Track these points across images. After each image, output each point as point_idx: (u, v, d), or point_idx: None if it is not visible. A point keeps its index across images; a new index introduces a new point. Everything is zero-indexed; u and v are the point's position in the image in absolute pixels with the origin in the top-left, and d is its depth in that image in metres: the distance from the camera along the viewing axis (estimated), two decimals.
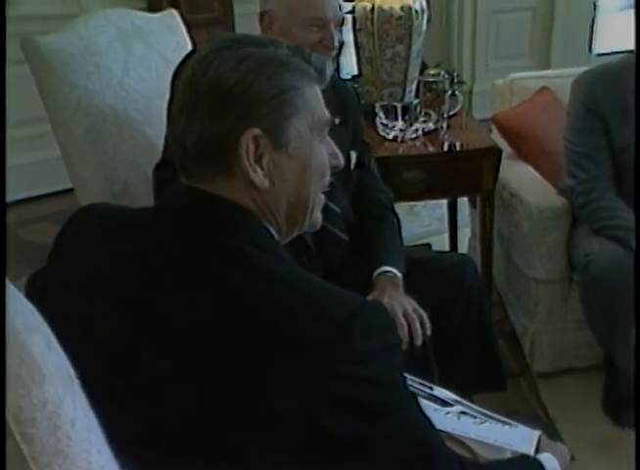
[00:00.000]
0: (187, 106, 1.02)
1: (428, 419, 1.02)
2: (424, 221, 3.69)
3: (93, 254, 1.09)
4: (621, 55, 2.40)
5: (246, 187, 1.02)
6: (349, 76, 2.96)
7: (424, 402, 1.23)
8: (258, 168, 1.01)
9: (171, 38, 2.29)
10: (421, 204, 3.66)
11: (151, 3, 4.00)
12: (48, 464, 0.83)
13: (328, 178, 1.12)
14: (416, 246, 2.90)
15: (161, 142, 1.93)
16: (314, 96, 1.06)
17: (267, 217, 1.06)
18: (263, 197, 1.04)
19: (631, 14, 2.35)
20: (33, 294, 1.08)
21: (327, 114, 1.08)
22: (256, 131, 0.99)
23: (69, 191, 2.15)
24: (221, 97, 0.99)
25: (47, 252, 1.16)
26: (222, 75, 1.00)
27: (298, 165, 1.05)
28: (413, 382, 1.41)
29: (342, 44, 2.01)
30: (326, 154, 1.10)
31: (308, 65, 1.05)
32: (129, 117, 2.08)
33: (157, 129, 2.05)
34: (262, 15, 1.97)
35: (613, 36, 5.45)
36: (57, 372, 0.86)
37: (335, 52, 1.96)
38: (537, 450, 1.26)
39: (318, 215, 1.14)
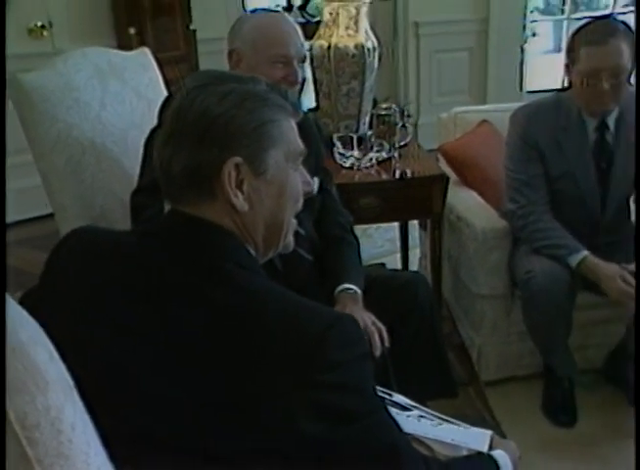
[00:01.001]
0: (173, 136, 1.04)
1: (395, 422, 1.04)
2: (377, 243, 3.71)
3: (82, 275, 1.10)
4: (551, 93, 2.48)
5: (227, 210, 1.05)
6: (306, 110, 3.00)
7: None
8: (239, 193, 1.03)
9: (144, 75, 2.31)
10: (374, 226, 3.68)
11: (120, 41, 4.00)
12: (51, 465, 0.84)
13: (301, 203, 1.15)
14: (371, 265, 2.92)
15: (136, 171, 1.94)
16: (290, 129, 1.09)
17: (246, 238, 1.08)
18: (243, 219, 1.06)
19: (554, 57, 2.45)
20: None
21: (301, 145, 1.11)
22: (238, 160, 1.02)
23: (49, 216, 2.15)
24: (206, 128, 1.02)
25: (27, 275, 1.15)
26: (207, 108, 1.02)
27: (275, 191, 1.08)
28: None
29: (304, 80, 2.04)
30: (300, 181, 1.12)
31: (285, 100, 1.09)
32: (106, 149, 2.10)
33: (132, 159, 2.07)
34: (231, 52, 1.99)
35: (539, 76, 5.64)
36: (58, 380, 0.87)
37: (298, 87, 2.00)
38: (490, 448, 1.30)
39: (291, 238, 1.16)
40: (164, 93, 2.32)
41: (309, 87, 2.81)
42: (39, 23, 3.91)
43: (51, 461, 0.84)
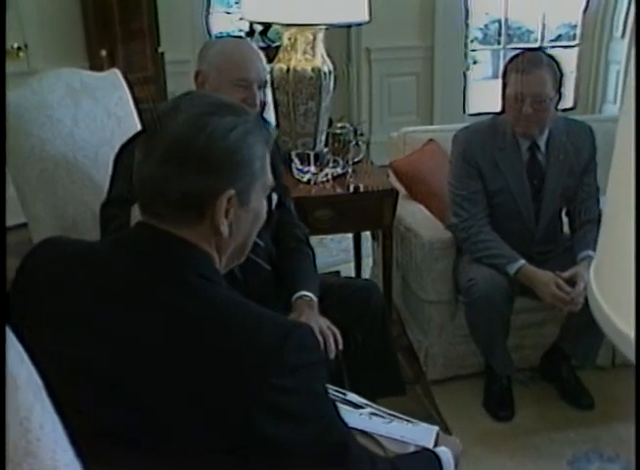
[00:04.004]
0: (175, 159, 1.01)
1: (343, 422, 1.05)
2: (332, 252, 3.71)
3: (55, 279, 1.08)
4: (489, 116, 2.51)
5: (207, 233, 1.04)
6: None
7: (339, 406, 1.25)
8: (225, 221, 1.03)
9: (115, 94, 2.28)
10: (329, 237, 3.67)
11: (92, 62, 3.95)
12: (19, 464, 0.82)
13: (264, 220, 1.15)
14: (327, 273, 2.92)
15: (106, 184, 1.91)
16: (268, 163, 1.10)
17: (214, 255, 1.07)
18: (219, 241, 1.06)
19: (493, 83, 2.48)
20: None
21: (271, 178, 1.12)
22: (232, 193, 1.02)
23: (22, 225, 2.11)
24: (211, 160, 1.00)
25: None
26: (215, 142, 1.00)
27: (251, 219, 1.09)
28: (329, 389, 1.44)
29: (264, 103, 2.02)
30: (266, 205, 1.13)
31: (267, 132, 1.09)
32: (78, 162, 2.07)
33: (102, 173, 2.04)
34: (197, 74, 1.99)
35: (480, 100, 5.74)
36: (28, 382, 0.85)
37: (257, 109, 1.99)
38: (436, 444, 1.31)
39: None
40: (133, 111, 2.30)
41: (269, 107, 2.81)
42: (15, 45, 3.84)
43: (19, 460, 0.82)
